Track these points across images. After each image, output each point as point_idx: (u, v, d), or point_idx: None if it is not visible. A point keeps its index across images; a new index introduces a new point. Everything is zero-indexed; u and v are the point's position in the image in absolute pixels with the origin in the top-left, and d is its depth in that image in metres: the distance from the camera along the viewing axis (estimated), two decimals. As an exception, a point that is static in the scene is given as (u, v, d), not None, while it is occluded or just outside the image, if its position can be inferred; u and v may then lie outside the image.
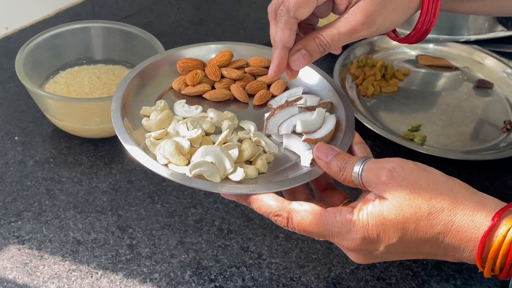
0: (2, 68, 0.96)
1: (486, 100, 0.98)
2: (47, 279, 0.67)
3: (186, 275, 0.68)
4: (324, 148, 0.54)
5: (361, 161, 0.52)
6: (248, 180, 0.56)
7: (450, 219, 0.48)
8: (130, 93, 0.63)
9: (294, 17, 0.57)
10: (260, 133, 0.61)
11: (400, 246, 0.50)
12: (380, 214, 0.49)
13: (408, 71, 1.02)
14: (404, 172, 0.50)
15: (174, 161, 0.55)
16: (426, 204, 0.48)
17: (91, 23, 0.91)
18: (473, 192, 0.50)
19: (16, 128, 0.86)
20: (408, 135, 0.88)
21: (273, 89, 0.67)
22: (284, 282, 0.68)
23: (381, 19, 0.58)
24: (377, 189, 0.50)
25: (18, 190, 0.77)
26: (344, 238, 0.51)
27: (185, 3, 1.17)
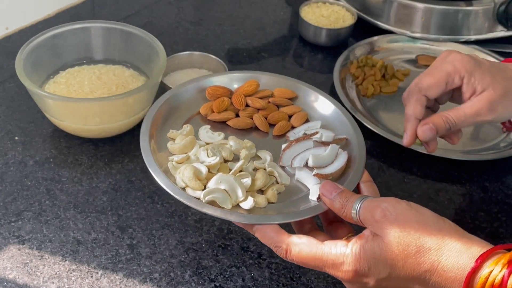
0: (2, 68, 0.96)
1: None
2: (47, 279, 0.67)
3: (186, 275, 0.68)
4: (329, 186, 0.58)
5: (360, 199, 0.56)
6: (257, 209, 0.60)
7: (437, 259, 0.50)
8: (160, 115, 0.66)
9: (424, 95, 0.67)
10: (274, 164, 0.65)
11: (390, 281, 0.53)
12: (372, 249, 0.52)
13: (408, 71, 1.02)
14: (396, 211, 0.53)
15: (191, 185, 0.59)
16: (414, 243, 0.51)
17: (91, 23, 0.91)
18: (462, 234, 0.52)
19: (16, 128, 0.86)
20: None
21: (294, 121, 0.70)
22: (284, 282, 0.68)
23: (501, 108, 0.66)
24: (372, 226, 0.54)
25: (18, 190, 0.77)
26: (338, 269, 0.54)
27: (185, 3, 1.17)
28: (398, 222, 0.52)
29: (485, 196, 0.82)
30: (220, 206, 0.59)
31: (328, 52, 1.07)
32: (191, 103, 0.70)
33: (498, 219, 0.78)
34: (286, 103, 0.72)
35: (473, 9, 1.06)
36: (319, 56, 1.06)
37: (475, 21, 1.07)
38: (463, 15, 1.06)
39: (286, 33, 1.12)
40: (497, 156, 0.85)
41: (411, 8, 1.06)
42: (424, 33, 1.07)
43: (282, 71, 1.02)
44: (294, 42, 1.09)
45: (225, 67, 0.92)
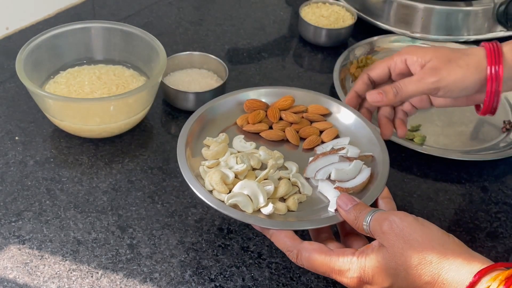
0: (3, 68, 0.97)
1: (486, 100, 0.98)
2: (47, 278, 0.67)
3: (186, 274, 0.68)
4: (345, 198, 0.61)
5: (372, 212, 0.58)
6: (277, 215, 0.63)
7: (437, 272, 0.52)
8: (198, 124, 0.71)
9: (367, 74, 0.76)
10: (299, 175, 0.68)
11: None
12: (376, 259, 0.55)
13: None
14: (402, 224, 0.55)
15: (217, 188, 0.63)
16: (417, 255, 0.53)
17: (91, 23, 0.91)
18: (465, 250, 0.53)
19: (16, 128, 0.86)
20: (407, 135, 0.88)
21: (324, 136, 0.73)
22: (284, 282, 0.68)
23: (445, 72, 0.70)
24: (379, 237, 0.56)
25: (18, 190, 0.77)
26: (343, 276, 0.56)
27: (185, 3, 1.17)
28: (403, 234, 0.54)
29: (485, 196, 0.82)
30: (242, 210, 0.62)
31: (328, 52, 1.07)
32: (229, 114, 0.74)
33: (498, 219, 0.79)
34: (319, 119, 0.75)
35: (473, 9, 1.06)
36: (319, 56, 1.06)
37: (475, 21, 1.07)
38: (463, 15, 1.06)
39: (286, 33, 1.12)
40: (497, 157, 0.85)
41: (411, 8, 1.07)
42: (424, 33, 1.08)
43: (282, 71, 1.02)
44: (294, 42, 1.09)
45: (225, 67, 0.92)
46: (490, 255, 0.72)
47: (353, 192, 0.65)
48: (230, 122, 0.74)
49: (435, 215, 0.78)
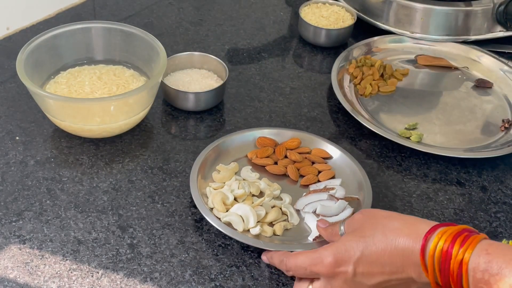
0: (3, 68, 0.97)
1: (485, 99, 0.99)
2: (48, 278, 0.67)
3: (186, 274, 0.68)
4: (323, 220, 0.69)
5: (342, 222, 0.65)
6: (263, 237, 0.72)
7: (399, 227, 0.58)
8: (214, 151, 0.81)
9: None
10: (290, 206, 0.76)
11: (364, 261, 0.58)
12: (346, 236, 0.61)
13: (407, 71, 1.02)
14: (370, 209, 0.63)
15: (217, 207, 0.73)
16: (381, 223, 0.59)
17: (91, 24, 0.92)
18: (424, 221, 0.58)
19: (17, 128, 0.86)
20: (404, 133, 0.88)
21: (321, 176, 0.81)
22: (284, 282, 0.68)
23: None
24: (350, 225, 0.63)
25: (19, 190, 0.77)
26: (320, 265, 0.61)
27: (185, 4, 1.17)
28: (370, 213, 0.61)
29: (484, 196, 0.82)
30: (234, 228, 0.71)
31: (328, 53, 1.07)
32: (242, 147, 0.83)
33: (497, 219, 0.79)
34: (319, 161, 0.83)
35: (473, 9, 1.06)
36: (319, 57, 1.07)
37: (475, 22, 1.07)
38: (462, 15, 1.06)
39: (286, 34, 1.12)
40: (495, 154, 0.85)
41: (411, 8, 1.07)
42: (423, 33, 1.08)
43: (281, 71, 1.02)
44: (294, 43, 1.10)
45: (225, 67, 0.92)
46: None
47: None
48: (242, 154, 0.83)
49: (434, 215, 0.78)
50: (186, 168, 0.81)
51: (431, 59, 1.04)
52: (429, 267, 0.54)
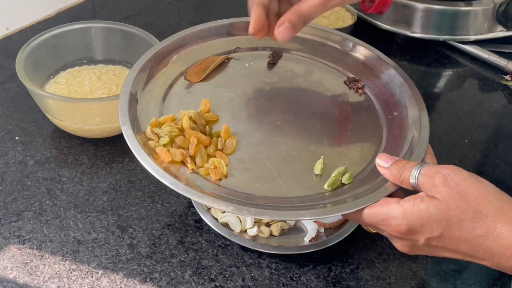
0: (3, 68, 0.97)
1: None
2: (47, 278, 0.67)
3: (186, 274, 0.68)
4: (384, 157, 0.61)
5: (419, 165, 0.57)
6: (260, 237, 0.71)
7: (493, 225, 0.52)
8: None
9: None
10: None
11: (441, 241, 0.54)
12: (427, 209, 0.54)
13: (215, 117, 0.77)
14: (458, 178, 0.54)
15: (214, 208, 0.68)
16: (472, 209, 0.52)
17: (91, 23, 0.91)
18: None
19: (16, 128, 0.86)
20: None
21: None
22: (284, 282, 0.68)
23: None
24: (430, 191, 0.55)
25: (18, 190, 0.77)
26: (389, 224, 0.56)
27: (185, 4, 1.17)
28: (459, 188, 0.53)
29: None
30: (231, 229, 0.71)
31: (328, 52, 1.07)
32: None
33: (498, 219, 0.79)
34: None
35: (473, 9, 1.06)
36: (319, 56, 1.06)
37: (475, 21, 1.07)
38: (463, 15, 1.06)
39: (286, 33, 1.12)
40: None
41: (411, 8, 1.07)
42: (423, 33, 1.08)
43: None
44: (294, 42, 1.09)
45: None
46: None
47: (330, 228, 0.72)
48: None
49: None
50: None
51: (199, 68, 0.77)
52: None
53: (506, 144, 0.90)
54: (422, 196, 0.55)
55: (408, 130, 0.68)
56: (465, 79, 1.04)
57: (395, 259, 0.71)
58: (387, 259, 0.71)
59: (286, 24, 0.64)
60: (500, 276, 0.70)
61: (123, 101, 0.67)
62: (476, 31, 1.08)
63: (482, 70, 1.05)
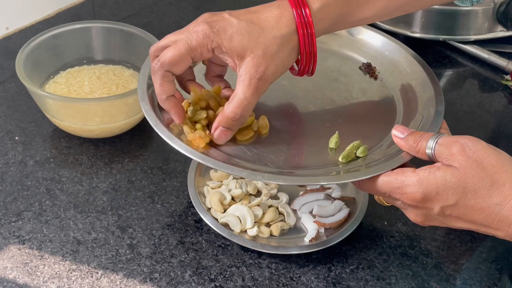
0: (3, 68, 0.97)
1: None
2: (47, 278, 0.67)
3: (186, 274, 0.68)
4: (400, 128, 0.60)
5: (436, 136, 0.57)
6: (260, 237, 0.71)
7: (510, 194, 0.52)
8: None
9: (170, 72, 0.62)
10: (287, 205, 0.75)
11: (455, 209, 0.54)
12: (443, 176, 0.54)
13: None
14: (476, 147, 0.54)
15: (215, 207, 0.73)
16: (490, 177, 0.52)
17: (91, 23, 0.91)
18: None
19: (16, 128, 0.86)
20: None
21: None
22: (284, 282, 0.68)
23: (272, 69, 0.61)
24: (447, 160, 0.55)
25: (18, 190, 0.77)
26: (404, 192, 0.56)
27: (185, 3, 1.17)
28: (476, 157, 0.53)
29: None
30: (231, 229, 0.71)
31: (328, 52, 1.07)
32: None
33: (498, 219, 0.79)
34: None
35: (473, 9, 1.06)
36: (319, 56, 1.06)
37: (475, 21, 1.07)
38: (462, 15, 1.06)
39: (286, 33, 1.12)
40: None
41: (411, 8, 1.06)
42: (423, 33, 1.07)
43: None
44: (294, 42, 1.09)
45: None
46: (490, 255, 0.72)
47: (330, 228, 0.72)
48: None
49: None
50: (185, 168, 0.81)
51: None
52: None
53: (506, 144, 0.90)
54: (439, 165, 0.55)
55: (423, 107, 0.69)
56: (465, 79, 1.04)
57: (395, 259, 0.71)
58: (387, 259, 0.71)
59: (222, 129, 0.63)
60: (500, 276, 0.70)
61: (142, 79, 0.68)
62: (476, 31, 1.08)
63: (482, 70, 1.05)
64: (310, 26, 0.62)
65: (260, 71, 0.60)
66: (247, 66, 0.60)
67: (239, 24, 0.61)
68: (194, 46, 0.61)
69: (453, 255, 0.72)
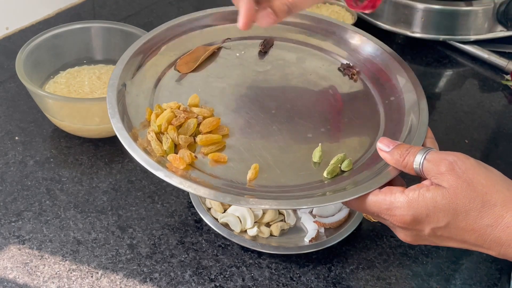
0: (3, 68, 0.97)
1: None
2: (47, 278, 0.67)
3: (186, 274, 0.68)
4: (386, 141, 0.58)
5: (424, 151, 0.55)
6: (260, 237, 0.71)
7: (501, 214, 0.51)
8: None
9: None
10: None
11: (447, 231, 0.53)
12: (433, 198, 0.52)
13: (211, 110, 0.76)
14: (465, 166, 0.52)
15: (215, 208, 0.73)
16: (481, 198, 0.51)
17: (91, 23, 0.91)
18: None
19: (16, 128, 0.86)
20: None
21: None
22: (284, 282, 0.68)
23: None
24: (436, 178, 0.53)
25: (18, 190, 0.77)
26: (393, 214, 0.54)
27: (185, 3, 1.17)
28: (466, 176, 0.52)
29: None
30: (231, 229, 0.71)
31: (328, 52, 1.07)
32: None
33: (498, 219, 0.79)
34: None
35: (473, 9, 1.06)
36: (319, 56, 1.06)
37: (475, 21, 1.07)
38: (463, 15, 1.06)
39: (286, 33, 1.12)
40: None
41: (411, 8, 1.07)
42: (424, 33, 1.08)
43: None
44: (294, 42, 1.09)
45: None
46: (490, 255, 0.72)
47: (330, 228, 0.72)
48: None
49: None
50: (186, 168, 0.81)
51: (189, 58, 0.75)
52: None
53: (507, 144, 0.90)
54: (427, 184, 0.54)
55: (406, 115, 0.67)
56: (465, 79, 1.04)
57: (395, 259, 0.71)
58: (387, 259, 0.71)
59: (268, 11, 0.61)
60: (500, 276, 0.70)
61: (111, 94, 0.66)
62: (476, 31, 1.08)
63: (482, 70, 1.05)
64: None
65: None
66: None
67: None
68: None
69: (453, 255, 0.72)
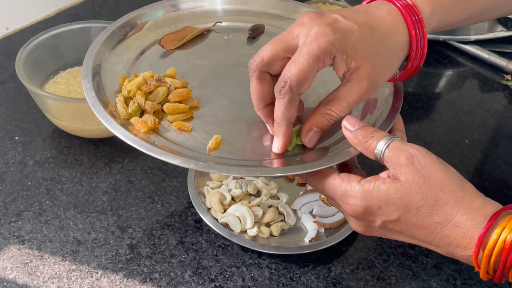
0: (3, 68, 0.96)
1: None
2: (47, 279, 0.67)
3: (186, 275, 0.68)
4: (352, 120, 0.57)
5: (388, 138, 0.55)
6: (260, 238, 0.71)
7: (451, 213, 0.51)
8: None
9: (298, 94, 0.57)
10: (287, 205, 0.75)
11: (397, 225, 0.53)
12: (387, 191, 0.52)
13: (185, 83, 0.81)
14: (425, 161, 0.52)
15: (215, 207, 0.73)
16: (434, 196, 0.51)
17: (91, 23, 0.91)
18: (481, 196, 0.52)
19: (16, 128, 0.86)
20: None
21: None
22: (284, 282, 0.68)
23: (382, 80, 0.60)
24: (394, 169, 0.53)
25: (18, 190, 0.77)
26: (346, 202, 0.54)
27: (185, 3, 1.17)
28: (424, 172, 0.52)
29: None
30: (231, 229, 0.71)
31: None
32: None
33: None
34: None
35: (473, 9, 1.06)
36: (319, 56, 1.06)
37: (475, 21, 1.07)
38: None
39: (286, 33, 1.12)
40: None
41: (411, 8, 1.06)
42: (424, 33, 1.08)
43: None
44: (294, 42, 1.09)
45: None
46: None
47: (330, 228, 0.73)
48: None
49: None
50: (185, 168, 0.81)
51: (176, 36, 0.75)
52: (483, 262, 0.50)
53: (507, 144, 0.90)
54: (384, 177, 0.54)
55: (381, 103, 0.65)
56: (465, 79, 1.04)
57: (395, 259, 0.71)
58: (387, 259, 0.71)
59: (315, 130, 0.60)
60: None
61: (88, 57, 0.66)
62: (476, 31, 1.08)
63: (482, 70, 1.05)
64: (424, 38, 0.60)
65: (373, 81, 0.58)
66: (361, 75, 0.57)
67: (360, 29, 0.57)
68: (317, 55, 0.55)
69: (453, 255, 0.72)
